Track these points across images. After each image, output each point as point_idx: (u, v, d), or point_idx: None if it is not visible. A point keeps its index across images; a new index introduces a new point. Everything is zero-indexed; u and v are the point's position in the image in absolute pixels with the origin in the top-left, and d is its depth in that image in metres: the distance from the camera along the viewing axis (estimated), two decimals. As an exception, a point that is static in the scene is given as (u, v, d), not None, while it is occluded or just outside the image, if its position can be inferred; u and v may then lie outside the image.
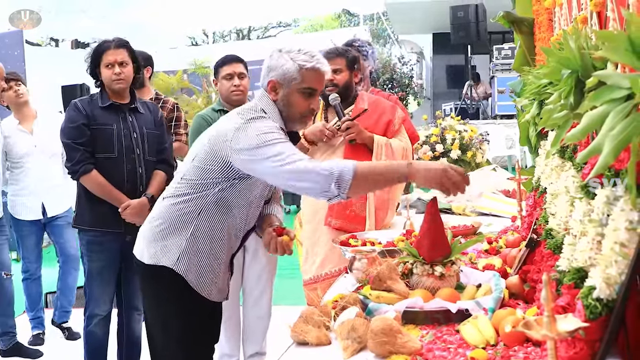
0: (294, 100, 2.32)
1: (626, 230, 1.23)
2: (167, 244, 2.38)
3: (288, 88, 2.30)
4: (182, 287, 2.37)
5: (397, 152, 3.30)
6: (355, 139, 3.26)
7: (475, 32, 12.71)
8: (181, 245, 2.35)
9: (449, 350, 1.69)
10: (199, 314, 2.47)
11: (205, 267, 2.39)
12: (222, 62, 3.81)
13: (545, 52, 1.82)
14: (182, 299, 2.42)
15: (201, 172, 2.32)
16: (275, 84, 2.31)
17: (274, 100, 2.33)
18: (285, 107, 2.33)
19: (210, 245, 2.38)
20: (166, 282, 2.40)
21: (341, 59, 3.36)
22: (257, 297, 3.86)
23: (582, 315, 1.26)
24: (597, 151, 1.15)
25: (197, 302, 2.43)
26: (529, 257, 2.13)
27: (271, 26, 28.42)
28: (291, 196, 9.71)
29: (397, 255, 2.41)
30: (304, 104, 2.32)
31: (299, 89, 2.30)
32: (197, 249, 2.37)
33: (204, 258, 2.38)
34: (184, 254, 2.35)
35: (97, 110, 3.54)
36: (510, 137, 10.24)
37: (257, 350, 3.88)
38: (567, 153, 2.05)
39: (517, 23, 3.69)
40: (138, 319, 3.82)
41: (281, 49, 2.34)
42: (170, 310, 2.47)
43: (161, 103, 4.84)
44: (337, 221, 3.24)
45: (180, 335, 2.47)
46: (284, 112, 2.34)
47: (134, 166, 3.59)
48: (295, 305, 4.94)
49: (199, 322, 2.48)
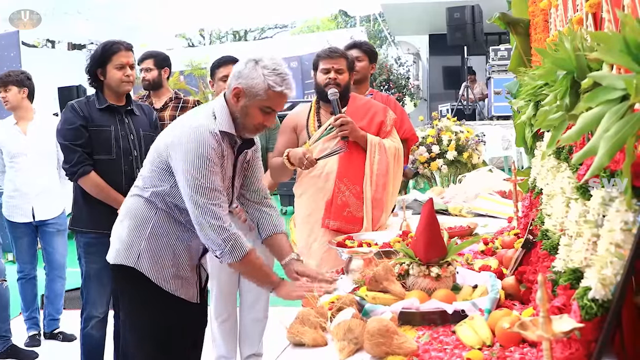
0: (253, 112, 2.41)
1: (621, 231, 1.23)
2: (129, 241, 2.50)
3: (251, 101, 2.39)
4: (147, 285, 2.48)
5: (389, 152, 3.31)
6: (348, 136, 3.26)
7: (471, 33, 12.72)
8: (141, 244, 2.48)
9: (445, 351, 1.69)
10: (170, 314, 2.52)
11: (167, 262, 2.50)
12: (217, 63, 3.81)
13: (541, 53, 1.83)
14: (149, 298, 2.50)
15: (155, 173, 2.49)
16: (240, 92, 2.39)
17: (234, 105, 2.42)
18: (241, 116, 2.42)
19: (169, 242, 2.50)
20: (132, 280, 2.51)
21: (344, 59, 3.39)
22: (253, 299, 3.86)
23: (577, 316, 1.27)
24: (592, 152, 1.15)
25: (167, 302, 2.50)
26: (525, 258, 2.14)
27: (268, 27, 28.42)
28: (288, 197, 9.71)
29: (393, 256, 2.41)
30: (261, 118, 2.42)
31: (261, 106, 2.39)
32: (157, 245, 2.48)
33: (164, 254, 2.49)
34: (144, 251, 2.47)
35: (94, 112, 3.55)
36: (506, 138, 10.24)
37: (254, 351, 3.88)
38: (562, 154, 2.05)
39: (512, 24, 3.69)
40: None
41: (258, 60, 2.39)
42: (139, 308, 2.57)
43: (182, 103, 4.85)
44: (335, 222, 3.24)
45: (149, 335, 2.53)
46: (239, 120, 2.43)
47: (132, 168, 3.59)
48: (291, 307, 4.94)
49: (170, 322, 2.53)
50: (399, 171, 3.39)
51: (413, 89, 16.47)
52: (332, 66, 3.35)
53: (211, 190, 2.33)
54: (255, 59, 2.40)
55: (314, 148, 3.33)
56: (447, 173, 6.00)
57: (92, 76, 3.61)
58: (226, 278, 3.82)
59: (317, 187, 3.32)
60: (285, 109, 11.28)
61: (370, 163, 3.27)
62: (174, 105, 4.91)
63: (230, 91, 2.41)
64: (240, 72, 2.40)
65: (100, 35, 18.22)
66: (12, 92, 4.69)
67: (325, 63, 3.37)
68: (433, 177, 6.25)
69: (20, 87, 4.71)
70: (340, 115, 3.26)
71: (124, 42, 3.67)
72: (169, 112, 4.33)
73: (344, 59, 3.39)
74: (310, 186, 3.35)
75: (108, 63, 3.56)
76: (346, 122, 3.24)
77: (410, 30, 17.07)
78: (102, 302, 3.69)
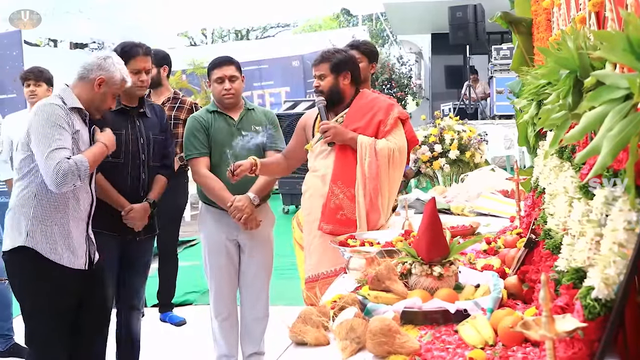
0: (108, 98, 3.13)
1: (625, 230, 1.23)
2: (18, 225, 2.94)
3: (109, 88, 3.10)
4: (38, 261, 2.92)
5: (381, 153, 3.21)
6: (334, 141, 3.26)
7: (473, 33, 12.71)
8: (27, 223, 2.92)
9: (447, 350, 1.69)
10: (60, 283, 2.98)
11: (56, 236, 2.95)
12: (212, 65, 3.80)
13: (544, 52, 1.82)
14: (41, 273, 2.95)
15: (25, 154, 2.95)
16: (103, 82, 3.08)
17: (95, 91, 3.07)
18: (99, 101, 3.11)
19: (52, 216, 2.95)
20: (24, 260, 2.95)
21: (324, 64, 3.34)
22: (254, 297, 3.87)
23: (580, 316, 1.26)
24: (595, 151, 1.15)
25: (57, 273, 2.96)
26: (528, 257, 2.13)
27: (270, 26, 28.41)
28: (290, 197, 9.70)
29: (395, 255, 2.41)
30: (112, 103, 3.19)
31: (114, 93, 3.15)
32: (42, 221, 2.93)
33: (51, 228, 2.94)
34: (32, 229, 2.92)
35: (108, 114, 3.55)
36: (508, 138, 10.24)
37: (256, 350, 3.89)
38: (565, 153, 2.05)
39: (515, 23, 3.69)
40: (137, 317, 3.84)
41: (111, 58, 3.14)
42: (29, 284, 2.99)
43: (179, 103, 4.84)
44: (329, 226, 3.20)
45: (41, 303, 2.99)
46: (95, 104, 3.10)
47: (138, 172, 3.62)
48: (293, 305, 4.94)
49: (61, 290, 2.99)
50: (394, 172, 3.29)
51: (415, 88, 16.44)
52: (315, 73, 3.36)
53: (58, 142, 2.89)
54: (107, 56, 3.13)
55: (315, 149, 3.34)
56: (449, 172, 6.00)
57: None
58: (225, 276, 3.82)
59: (316, 187, 3.32)
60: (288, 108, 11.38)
61: (361, 165, 3.21)
62: (171, 105, 4.93)
63: (95, 80, 3.06)
64: (100, 65, 3.07)
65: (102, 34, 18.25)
66: (42, 88, 4.93)
67: (313, 70, 3.40)
68: (435, 176, 6.25)
69: (49, 85, 4.98)
70: (323, 123, 3.27)
71: (144, 45, 3.68)
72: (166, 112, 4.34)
73: (325, 62, 3.35)
74: (312, 185, 3.35)
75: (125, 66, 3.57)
76: (327, 128, 3.23)
77: (412, 30, 17.05)
78: None
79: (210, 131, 3.74)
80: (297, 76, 15.36)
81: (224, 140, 3.70)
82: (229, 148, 3.66)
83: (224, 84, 3.73)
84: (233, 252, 3.84)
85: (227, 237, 3.81)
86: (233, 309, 3.91)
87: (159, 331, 5.07)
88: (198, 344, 4.63)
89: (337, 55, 3.37)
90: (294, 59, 15.42)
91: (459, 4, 12.70)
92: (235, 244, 3.84)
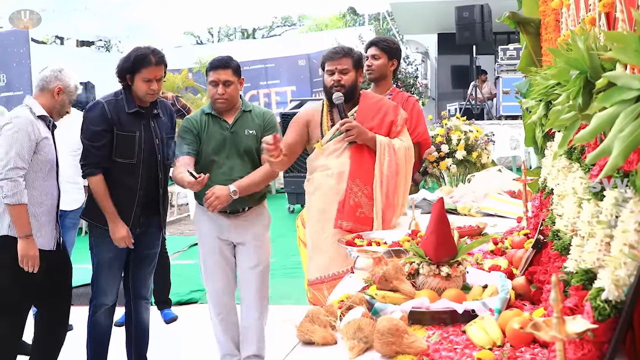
0: (65, 104, 3.66)
1: (635, 232, 1.23)
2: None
3: (65, 95, 3.64)
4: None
5: (399, 153, 3.28)
6: (355, 140, 3.25)
7: (480, 33, 12.70)
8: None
9: (455, 350, 1.69)
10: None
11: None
12: (209, 66, 3.75)
13: (553, 52, 1.82)
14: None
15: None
16: (61, 90, 3.61)
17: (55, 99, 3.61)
18: (60, 105, 3.64)
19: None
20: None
21: (347, 58, 3.34)
22: (249, 298, 3.84)
23: (590, 317, 1.26)
24: (606, 152, 1.14)
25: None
26: (536, 258, 2.13)
27: (276, 25, 28.44)
28: (295, 195, 9.69)
29: (403, 255, 2.41)
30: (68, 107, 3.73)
31: (70, 99, 3.69)
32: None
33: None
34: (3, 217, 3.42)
35: (122, 115, 3.60)
36: (514, 138, 10.23)
37: (254, 352, 3.82)
38: (574, 154, 2.04)
39: (523, 24, 3.68)
40: (146, 308, 3.92)
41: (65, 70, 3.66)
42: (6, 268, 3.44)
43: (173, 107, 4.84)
44: (348, 223, 3.21)
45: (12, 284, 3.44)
46: (57, 108, 3.63)
47: (155, 171, 3.68)
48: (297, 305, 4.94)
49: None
50: (409, 170, 3.37)
51: (421, 88, 16.42)
52: (336, 67, 3.32)
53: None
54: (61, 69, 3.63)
55: (326, 148, 3.33)
56: (456, 172, 5.98)
57: (122, 78, 3.66)
58: (220, 276, 3.81)
59: (329, 185, 3.30)
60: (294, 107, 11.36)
61: (380, 165, 3.24)
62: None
63: (54, 89, 3.60)
64: (57, 77, 3.61)
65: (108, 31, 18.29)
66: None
67: (329, 65, 3.35)
68: (442, 177, 6.23)
69: None
70: (345, 120, 3.25)
71: (158, 53, 3.66)
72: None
73: (348, 57, 3.34)
74: (323, 184, 3.33)
75: (137, 73, 3.59)
76: (352, 127, 3.23)
77: (418, 29, 17.04)
78: (112, 291, 3.77)
79: (202, 135, 3.69)
80: (303, 75, 15.37)
81: (216, 144, 3.68)
82: (220, 152, 3.65)
83: (217, 89, 3.67)
84: (228, 252, 3.83)
85: (221, 237, 3.80)
86: (232, 308, 3.89)
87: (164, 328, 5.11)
88: (203, 342, 4.63)
89: (356, 51, 3.40)
90: (300, 58, 15.43)
91: (466, 4, 12.69)
92: (229, 244, 3.83)
